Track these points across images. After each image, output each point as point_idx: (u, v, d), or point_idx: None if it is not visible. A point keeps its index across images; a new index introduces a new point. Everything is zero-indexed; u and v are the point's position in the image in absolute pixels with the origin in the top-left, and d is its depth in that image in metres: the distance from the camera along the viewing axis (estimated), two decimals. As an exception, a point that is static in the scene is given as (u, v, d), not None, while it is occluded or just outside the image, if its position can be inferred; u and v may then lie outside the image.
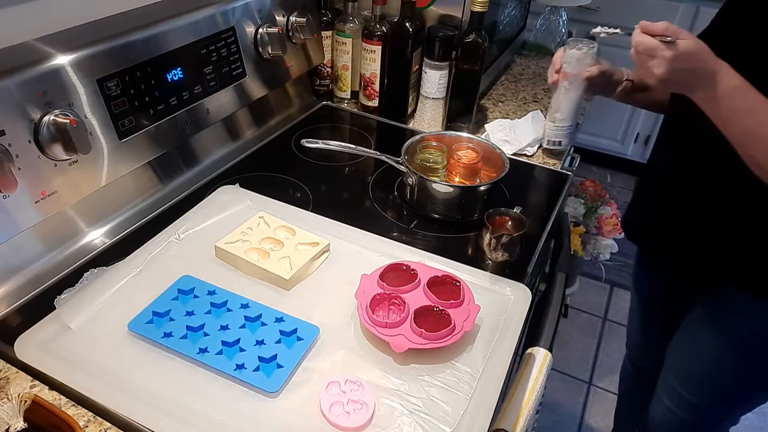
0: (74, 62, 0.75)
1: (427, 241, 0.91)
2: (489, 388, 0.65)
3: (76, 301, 0.71)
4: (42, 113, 0.71)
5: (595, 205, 2.04)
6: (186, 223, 0.86)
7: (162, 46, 0.87)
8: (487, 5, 1.06)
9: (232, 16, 0.99)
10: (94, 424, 0.60)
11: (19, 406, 0.56)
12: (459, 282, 0.75)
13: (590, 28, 0.97)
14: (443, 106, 1.21)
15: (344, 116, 1.30)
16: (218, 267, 0.80)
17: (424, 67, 1.17)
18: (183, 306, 0.72)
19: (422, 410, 0.62)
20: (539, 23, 1.67)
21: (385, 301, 0.74)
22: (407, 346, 0.66)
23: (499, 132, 1.19)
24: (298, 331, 0.69)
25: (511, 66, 1.59)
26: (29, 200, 0.72)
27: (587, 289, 2.32)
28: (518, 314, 0.75)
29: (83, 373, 0.63)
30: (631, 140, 2.86)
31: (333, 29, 1.24)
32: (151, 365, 0.66)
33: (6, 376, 0.65)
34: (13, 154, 0.68)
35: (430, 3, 1.18)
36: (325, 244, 0.82)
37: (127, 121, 0.82)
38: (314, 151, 1.02)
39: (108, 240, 0.86)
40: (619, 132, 2.82)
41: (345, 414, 0.60)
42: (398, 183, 1.03)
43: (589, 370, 2.03)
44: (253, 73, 1.06)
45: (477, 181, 0.97)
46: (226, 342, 0.67)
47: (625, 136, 2.82)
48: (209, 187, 0.98)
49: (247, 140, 1.15)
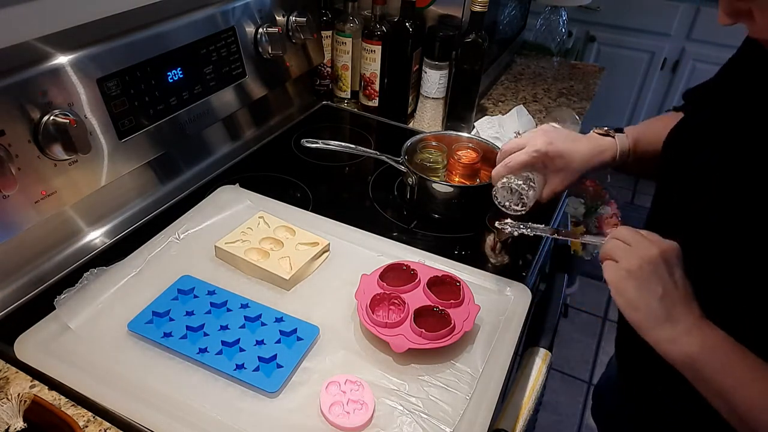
0: (74, 62, 0.74)
1: (427, 241, 0.91)
2: (489, 388, 0.65)
3: (75, 301, 0.71)
4: (42, 113, 0.71)
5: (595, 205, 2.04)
6: (186, 223, 0.86)
7: (162, 46, 0.87)
8: (487, 5, 1.06)
9: (232, 16, 0.99)
10: (94, 424, 0.60)
11: (19, 406, 0.56)
12: (459, 282, 0.75)
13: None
14: (443, 106, 1.21)
15: (344, 116, 1.30)
16: (218, 267, 0.80)
17: (424, 67, 1.17)
18: (183, 306, 0.72)
19: (422, 410, 0.62)
20: (539, 23, 1.67)
21: (385, 301, 0.74)
22: (407, 346, 0.66)
23: (489, 129, 1.19)
24: (298, 331, 0.69)
25: (511, 66, 1.59)
26: (29, 200, 0.72)
27: (587, 289, 2.32)
28: (518, 314, 0.75)
29: (83, 373, 0.63)
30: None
31: (333, 29, 1.24)
32: (151, 365, 0.66)
33: (6, 376, 0.65)
34: (13, 154, 0.68)
35: (430, 3, 1.18)
36: (325, 244, 0.82)
37: (127, 121, 0.82)
38: (314, 151, 1.02)
39: (108, 240, 0.86)
40: (619, 132, 2.82)
41: (345, 414, 0.60)
42: (398, 183, 1.03)
43: (589, 370, 2.03)
44: (253, 73, 1.06)
45: (477, 181, 0.97)
46: (226, 342, 0.67)
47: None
48: (209, 187, 0.98)
49: (247, 140, 1.15)
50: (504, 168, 0.77)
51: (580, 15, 2.58)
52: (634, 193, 2.99)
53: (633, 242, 0.61)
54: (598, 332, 2.18)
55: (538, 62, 1.62)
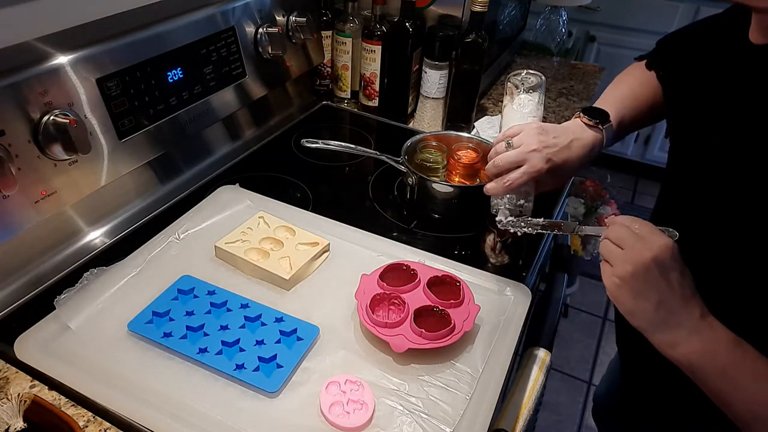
0: (74, 62, 0.74)
1: (427, 241, 0.91)
2: (489, 388, 0.65)
3: (75, 301, 0.71)
4: (42, 113, 0.71)
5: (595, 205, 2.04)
6: (186, 223, 0.86)
7: (162, 46, 0.87)
8: (487, 5, 1.06)
9: (232, 16, 0.99)
10: (94, 424, 0.60)
11: (19, 406, 0.56)
12: (459, 282, 0.75)
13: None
14: (443, 106, 1.21)
15: (344, 116, 1.30)
16: (218, 267, 0.80)
17: (424, 67, 1.17)
18: (183, 306, 0.72)
19: (422, 410, 0.62)
20: (539, 23, 1.67)
21: (385, 301, 0.74)
22: (407, 346, 0.66)
23: (489, 129, 1.18)
24: (298, 331, 0.69)
25: (511, 66, 1.59)
26: (29, 200, 0.72)
27: (587, 289, 2.32)
28: (518, 314, 0.75)
29: (83, 373, 0.63)
30: (631, 140, 2.86)
31: (333, 29, 1.24)
32: (151, 365, 0.66)
33: (6, 376, 0.65)
34: (13, 154, 0.68)
35: (430, 3, 1.18)
36: (325, 244, 0.82)
37: (127, 121, 0.82)
38: (314, 151, 1.02)
39: (108, 240, 0.86)
40: (619, 132, 2.82)
41: (345, 414, 0.60)
42: (398, 183, 1.03)
43: (589, 370, 2.03)
44: (253, 73, 1.06)
45: (477, 181, 0.97)
46: (226, 342, 0.67)
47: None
48: (209, 187, 0.98)
49: (247, 140, 1.15)
50: (504, 189, 0.76)
51: (580, 15, 2.58)
52: (634, 193, 2.99)
53: (627, 244, 0.60)
54: (598, 332, 2.18)
55: (538, 62, 1.62)
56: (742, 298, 0.63)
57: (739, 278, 0.64)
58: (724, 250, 0.65)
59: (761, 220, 0.60)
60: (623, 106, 0.82)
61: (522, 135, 0.77)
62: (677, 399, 0.80)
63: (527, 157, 0.75)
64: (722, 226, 0.64)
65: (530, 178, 0.75)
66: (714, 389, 0.59)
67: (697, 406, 0.65)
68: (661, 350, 0.60)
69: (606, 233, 0.63)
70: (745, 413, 0.57)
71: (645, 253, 0.58)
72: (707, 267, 0.63)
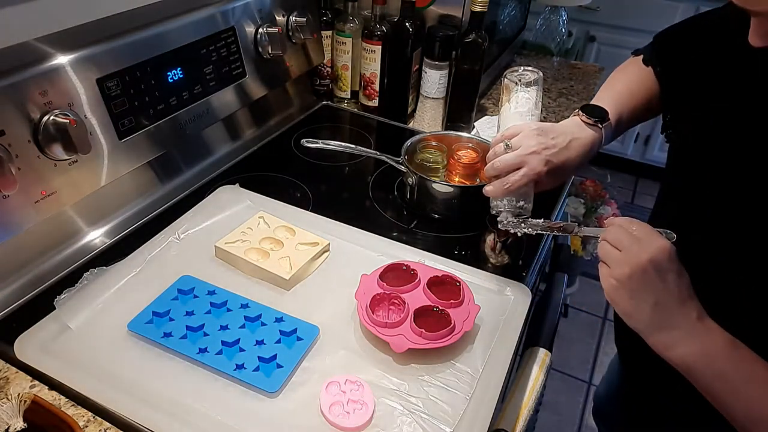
0: (74, 62, 0.74)
1: (427, 241, 0.91)
2: (489, 388, 0.65)
3: (75, 301, 0.71)
4: (42, 113, 0.71)
5: (595, 205, 2.04)
6: (186, 223, 0.86)
7: (162, 46, 0.87)
8: (487, 5, 1.06)
9: (232, 16, 0.99)
10: (94, 424, 0.60)
11: (19, 406, 0.56)
12: (459, 282, 0.75)
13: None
14: (443, 106, 1.21)
15: (344, 116, 1.30)
16: (218, 267, 0.80)
17: (424, 66, 1.17)
18: (183, 306, 0.72)
19: (422, 410, 0.62)
20: (539, 23, 1.67)
21: (385, 301, 0.74)
22: (407, 346, 0.66)
23: (489, 129, 1.18)
24: (298, 331, 0.69)
25: (511, 66, 1.59)
26: (29, 200, 0.72)
27: (587, 289, 2.32)
28: (518, 314, 0.75)
29: (83, 373, 0.63)
30: (631, 140, 2.87)
31: (333, 29, 1.24)
32: (151, 365, 0.66)
33: (6, 376, 0.65)
34: (13, 154, 0.68)
35: (430, 3, 1.18)
36: (325, 244, 0.82)
37: (127, 121, 0.82)
38: (314, 151, 1.02)
39: (108, 240, 0.86)
40: (619, 132, 2.83)
41: (345, 414, 0.60)
42: (398, 183, 1.03)
43: (589, 370, 2.03)
44: (253, 73, 1.06)
45: (477, 181, 0.97)
46: (226, 342, 0.67)
47: (625, 135, 2.82)
48: (209, 187, 0.98)
49: (247, 140, 1.15)
50: (503, 192, 0.76)
51: (580, 15, 2.58)
52: (634, 193, 2.99)
53: (624, 246, 0.60)
54: (598, 332, 2.18)
55: (538, 62, 1.62)
56: (740, 298, 0.63)
57: (737, 278, 0.64)
58: (721, 249, 0.65)
59: (758, 219, 0.60)
60: (621, 103, 0.82)
61: (521, 136, 0.76)
62: (677, 401, 0.80)
63: (526, 160, 0.74)
64: (719, 225, 0.64)
65: (530, 180, 0.75)
66: (711, 391, 0.58)
67: (696, 408, 0.64)
68: (658, 352, 0.60)
69: (604, 235, 0.63)
70: (742, 416, 0.57)
71: (642, 254, 0.58)
72: (705, 267, 0.63)
